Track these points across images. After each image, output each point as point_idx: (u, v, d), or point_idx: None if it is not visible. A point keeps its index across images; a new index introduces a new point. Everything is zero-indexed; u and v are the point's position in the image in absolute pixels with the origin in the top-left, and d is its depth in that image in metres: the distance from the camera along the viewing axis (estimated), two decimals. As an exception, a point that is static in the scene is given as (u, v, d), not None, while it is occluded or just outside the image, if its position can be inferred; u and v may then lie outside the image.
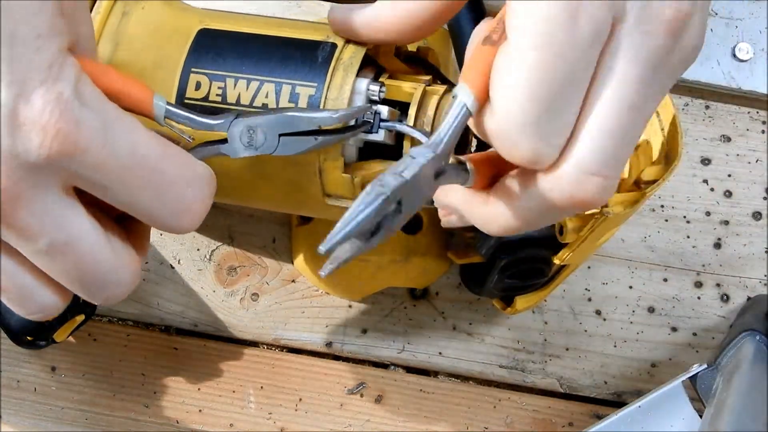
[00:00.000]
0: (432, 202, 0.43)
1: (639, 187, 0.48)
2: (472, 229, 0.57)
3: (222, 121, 0.43)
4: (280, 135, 0.43)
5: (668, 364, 0.61)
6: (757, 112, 0.64)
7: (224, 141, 0.43)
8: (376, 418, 0.61)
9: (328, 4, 0.62)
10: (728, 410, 0.51)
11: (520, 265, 0.53)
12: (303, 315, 0.61)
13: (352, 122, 0.43)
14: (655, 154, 0.48)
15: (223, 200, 0.53)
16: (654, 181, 0.47)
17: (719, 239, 0.62)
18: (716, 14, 0.65)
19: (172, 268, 0.62)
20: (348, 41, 0.46)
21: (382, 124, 0.45)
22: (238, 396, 0.61)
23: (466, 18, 0.54)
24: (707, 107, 0.64)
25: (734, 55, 0.64)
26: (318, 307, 0.61)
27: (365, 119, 0.44)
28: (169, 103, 0.41)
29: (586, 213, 0.47)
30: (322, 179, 0.46)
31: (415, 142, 0.45)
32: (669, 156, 0.47)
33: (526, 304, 0.56)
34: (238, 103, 0.45)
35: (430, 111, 0.45)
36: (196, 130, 0.42)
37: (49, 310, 0.40)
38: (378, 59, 0.48)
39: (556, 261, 0.51)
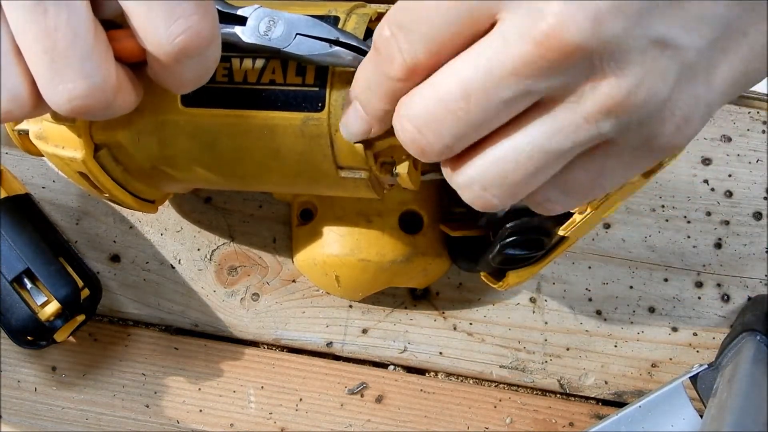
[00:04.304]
0: None
1: None
2: (464, 204, 0.57)
3: (246, 6, 0.44)
4: (297, 33, 0.43)
5: (669, 364, 0.61)
6: (758, 112, 0.64)
7: (242, 23, 0.44)
8: (377, 418, 0.61)
9: (330, 3, 0.62)
10: (729, 410, 0.51)
11: (524, 233, 0.52)
12: (303, 315, 0.61)
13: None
14: None
15: (236, 186, 0.53)
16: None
17: (720, 239, 0.62)
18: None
19: (173, 268, 0.62)
20: (350, 13, 0.46)
21: None
22: (238, 396, 0.61)
23: None
24: (707, 107, 0.64)
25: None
26: (318, 307, 0.61)
27: None
28: None
29: None
30: (334, 151, 0.46)
31: None
32: None
33: (517, 279, 0.56)
34: (245, 81, 0.46)
35: None
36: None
37: (13, 102, 0.39)
38: None
39: (561, 232, 0.50)
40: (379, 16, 0.48)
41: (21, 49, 0.38)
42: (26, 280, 0.55)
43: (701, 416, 0.54)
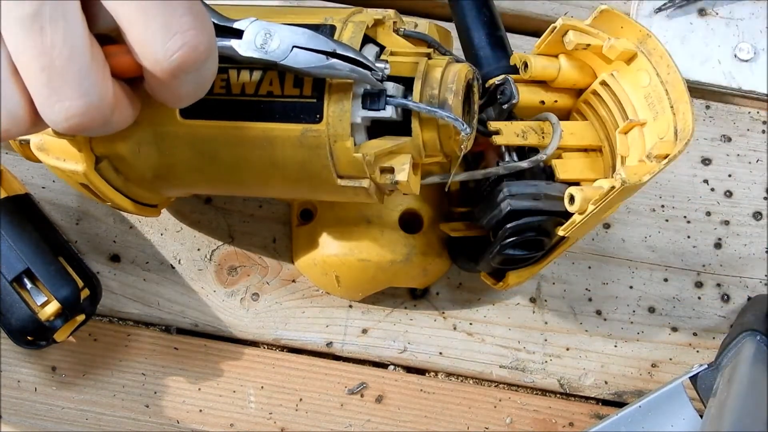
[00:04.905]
0: None
1: (650, 160, 0.48)
2: (465, 203, 0.57)
3: (242, 20, 0.44)
4: (294, 46, 0.43)
5: (668, 364, 0.61)
6: (758, 112, 0.64)
7: (239, 36, 0.43)
8: (377, 418, 0.61)
9: (329, 3, 0.62)
10: (729, 410, 0.51)
11: (524, 234, 0.52)
12: (303, 315, 0.61)
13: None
14: (665, 130, 0.48)
15: (237, 193, 0.53)
16: (665, 156, 0.47)
17: (720, 239, 0.62)
18: (716, 14, 0.65)
19: (173, 268, 0.62)
20: (347, 22, 0.46)
21: (389, 100, 0.45)
22: (238, 396, 0.61)
23: (473, 17, 0.54)
24: (708, 107, 0.64)
25: (735, 55, 0.64)
26: (318, 307, 0.61)
27: (373, 68, 0.44)
28: None
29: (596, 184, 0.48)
30: (334, 161, 0.46)
31: (423, 117, 0.45)
32: (678, 131, 0.48)
33: (517, 279, 0.56)
34: (243, 93, 0.46)
35: (435, 83, 0.45)
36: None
37: (11, 121, 0.39)
38: (377, 38, 0.48)
39: (561, 232, 0.50)
40: (376, 23, 0.48)
41: (18, 68, 0.38)
42: (26, 280, 0.55)
43: (701, 416, 0.54)
